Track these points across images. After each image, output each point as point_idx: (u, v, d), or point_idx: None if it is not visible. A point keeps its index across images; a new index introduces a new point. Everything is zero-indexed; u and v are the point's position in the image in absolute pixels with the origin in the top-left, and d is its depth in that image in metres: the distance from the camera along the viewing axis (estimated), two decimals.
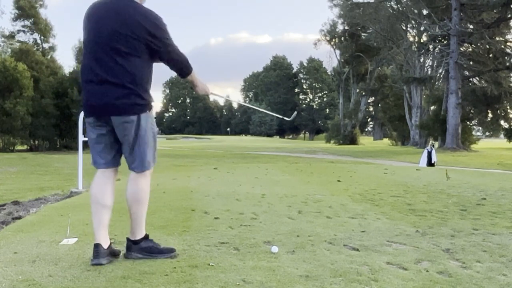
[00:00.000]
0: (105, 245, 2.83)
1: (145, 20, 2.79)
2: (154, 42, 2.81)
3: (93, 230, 2.89)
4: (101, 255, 2.77)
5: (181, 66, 2.96)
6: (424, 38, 42.31)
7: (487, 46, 32.84)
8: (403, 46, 42.10)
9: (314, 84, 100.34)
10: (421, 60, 42.79)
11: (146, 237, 2.96)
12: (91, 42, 2.83)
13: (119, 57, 2.75)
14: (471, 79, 36.18)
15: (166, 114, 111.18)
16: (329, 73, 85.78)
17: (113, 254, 2.91)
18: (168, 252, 2.93)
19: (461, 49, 33.04)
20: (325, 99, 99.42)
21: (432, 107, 41.22)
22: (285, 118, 3.70)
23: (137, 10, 2.81)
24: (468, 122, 36.28)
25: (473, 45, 33.98)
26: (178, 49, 2.93)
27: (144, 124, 2.85)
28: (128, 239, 2.95)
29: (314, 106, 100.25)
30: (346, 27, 54.58)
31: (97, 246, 2.79)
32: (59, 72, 35.85)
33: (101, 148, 2.91)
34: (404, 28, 44.13)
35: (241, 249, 3.16)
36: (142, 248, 2.90)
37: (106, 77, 2.76)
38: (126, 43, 2.75)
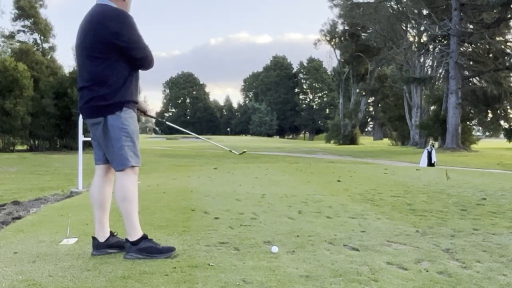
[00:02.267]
0: (101, 238, 3.04)
1: (108, 20, 2.86)
2: (120, 39, 2.84)
3: None
4: (94, 247, 3.04)
5: (149, 62, 3.00)
6: (424, 38, 42.32)
7: (487, 46, 32.85)
8: (403, 46, 42.10)
9: (314, 84, 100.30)
10: (421, 60, 42.80)
11: (144, 237, 2.95)
12: (75, 52, 3.05)
13: (89, 62, 2.91)
14: (471, 79, 36.19)
15: (166, 114, 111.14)
16: (329, 73, 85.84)
17: (115, 246, 3.04)
18: (167, 252, 2.92)
19: (461, 49, 33.05)
20: (325, 99, 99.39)
21: (432, 107, 41.24)
22: (233, 151, 3.61)
23: (101, 13, 2.91)
24: (468, 122, 36.29)
25: (473, 45, 34.00)
26: (146, 45, 2.96)
27: (113, 125, 2.89)
28: (126, 240, 2.96)
29: (314, 106, 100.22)
30: (346, 27, 54.61)
31: (93, 239, 3.06)
32: (59, 72, 35.86)
33: (95, 145, 3.08)
34: (404, 28, 44.13)
35: (241, 249, 3.16)
36: (141, 249, 2.89)
37: (82, 83, 2.97)
38: (93, 48, 2.88)
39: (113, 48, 2.85)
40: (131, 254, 2.89)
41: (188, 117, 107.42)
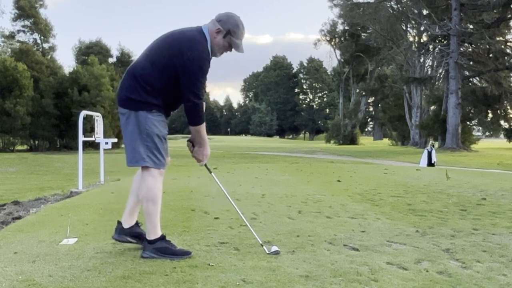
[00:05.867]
0: (126, 225, 3.12)
1: (186, 49, 2.86)
2: (182, 73, 2.86)
3: None
4: (116, 230, 3.14)
5: (192, 113, 2.97)
6: (424, 38, 42.32)
7: (487, 46, 32.82)
8: (403, 46, 42.08)
9: (314, 84, 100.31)
10: (421, 60, 42.79)
11: (162, 237, 2.96)
12: (150, 44, 3.08)
13: (149, 64, 2.94)
14: (471, 79, 36.18)
15: None
16: (329, 73, 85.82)
17: (136, 237, 3.10)
18: (182, 255, 2.92)
19: (461, 49, 33.03)
20: (325, 99, 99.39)
21: (432, 107, 41.22)
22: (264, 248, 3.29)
23: (188, 38, 2.90)
24: (468, 122, 36.27)
25: (473, 45, 33.98)
26: (197, 99, 2.89)
27: (136, 121, 2.91)
28: (144, 238, 2.98)
29: (314, 106, 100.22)
30: (346, 27, 54.62)
31: (117, 223, 3.16)
32: (59, 72, 35.88)
33: None
34: (404, 28, 44.13)
35: (241, 249, 3.16)
36: (156, 248, 2.91)
37: (132, 71, 3.00)
38: (159, 59, 2.92)
39: (174, 71, 2.87)
40: (147, 252, 2.92)
41: None
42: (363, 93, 57.96)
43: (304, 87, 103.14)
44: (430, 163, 15.71)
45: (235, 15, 3.02)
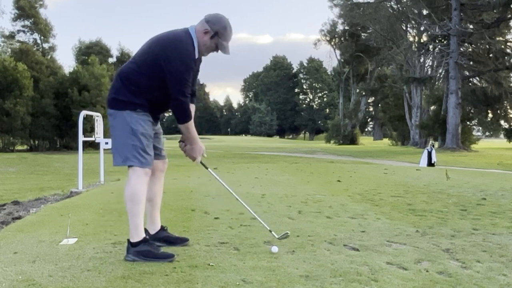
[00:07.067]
0: (151, 231, 3.20)
1: (166, 49, 2.90)
2: (167, 75, 2.90)
3: None
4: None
5: (178, 113, 2.99)
6: (424, 38, 42.31)
7: (487, 46, 32.81)
8: (403, 46, 42.07)
9: (314, 84, 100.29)
10: (421, 60, 42.78)
11: (145, 240, 2.92)
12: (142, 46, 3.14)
13: (135, 66, 3.01)
14: (471, 79, 36.18)
15: (166, 114, 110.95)
16: (329, 73, 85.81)
17: (163, 240, 3.17)
18: (164, 258, 2.87)
19: (461, 49, 33.01)
20: (325, 99, 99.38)
21: (432, 107, 41.22)
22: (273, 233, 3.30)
23: (169, 39, 2.95)
24: (468, 122, 36.24)
25: (473, 45, 33.97)
26: (181, 98, 2.92)
27: (121, 120, 2.94)
28: (127, 240, 2.94)
29: (314, 106, 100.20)
30: (346, 27, 54.62)
31: (144, 230, 3.07)
32: (59, 72, 35.92)
33: None
34: (404, 28, 44.12)
35: (241, 249, 3.16)
36: (138, 251, 2.86)
37: (119, 73, 3.07)
38: (144, 63, 2.98)
39: (158, 71, 2.91)
40: (129, 255, 2.88)
41: None
42: (363, 93, 57.92)
43: (304, 87, 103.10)
44: (430, 163, 15.71)
45: (223, 17, 3.02)
